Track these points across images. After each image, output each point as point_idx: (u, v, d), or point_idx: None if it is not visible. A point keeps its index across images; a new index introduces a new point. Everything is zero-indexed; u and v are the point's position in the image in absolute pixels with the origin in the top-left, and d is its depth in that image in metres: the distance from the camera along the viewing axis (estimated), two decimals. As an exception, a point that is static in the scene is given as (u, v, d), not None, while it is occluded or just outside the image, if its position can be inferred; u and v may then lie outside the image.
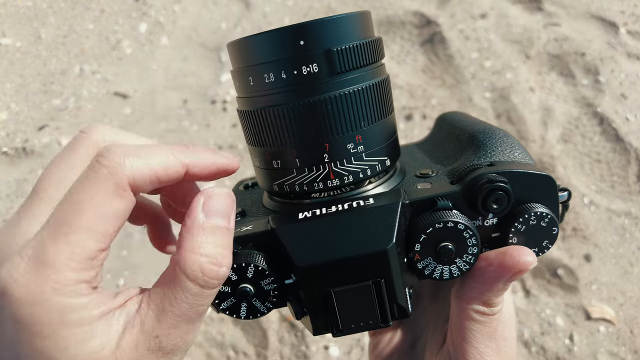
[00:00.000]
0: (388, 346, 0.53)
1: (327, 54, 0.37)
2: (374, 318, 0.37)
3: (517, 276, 0.38)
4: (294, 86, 0.38)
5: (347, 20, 0.39)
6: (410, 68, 1.96)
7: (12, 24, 2.26)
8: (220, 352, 1.38)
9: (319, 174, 0.40)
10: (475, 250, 0.38)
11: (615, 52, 1.88)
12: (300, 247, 0.37)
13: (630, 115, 1.73)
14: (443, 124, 0.54)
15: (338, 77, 0.38)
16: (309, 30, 0.37)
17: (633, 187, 1.60)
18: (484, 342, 0.40)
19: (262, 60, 0.38)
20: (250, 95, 0.41)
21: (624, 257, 1.47)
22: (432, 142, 0.54)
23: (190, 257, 0.33)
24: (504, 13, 2.07)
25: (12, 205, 1.72)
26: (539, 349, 1.35)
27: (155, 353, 0.32)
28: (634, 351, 1.32)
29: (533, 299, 1.43)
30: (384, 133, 0.42)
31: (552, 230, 0.40)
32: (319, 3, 2.20)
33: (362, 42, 0.39)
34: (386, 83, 0.42)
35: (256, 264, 0.37)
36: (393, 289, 0.37)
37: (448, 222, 0.37)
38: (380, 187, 0.43)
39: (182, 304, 0.33)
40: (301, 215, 0.39)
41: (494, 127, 0.47)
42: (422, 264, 0.38)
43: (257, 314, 0.39)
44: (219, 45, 2.09)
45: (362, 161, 0.40)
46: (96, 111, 1.97)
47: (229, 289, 0.38)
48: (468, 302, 0.40)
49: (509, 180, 0.39)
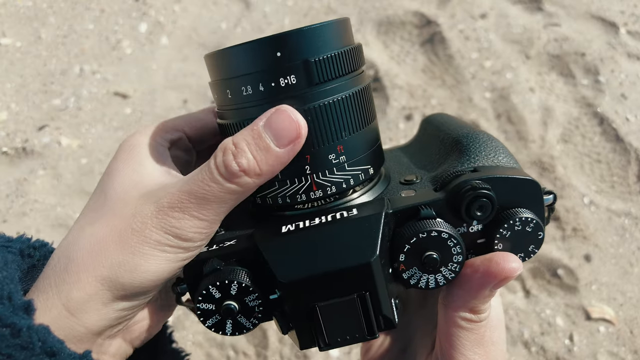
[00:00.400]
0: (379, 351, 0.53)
1: (305, 64, 0.37)
2: (360, 331, 0.36)
3: (503, 283, 0.38)
4: (272, 98, 0.37)
5: (325, 30, 0.38)
6: (410, 68, 1.96)
7: (12, 23, 2.26)
8: (220, 352, 1.38)
9: (301, 186, 0.39)
10: (460, 258, 0.38)
11: (615, 52, 1.88)
12: (283, 263, 0.36)
13: (630, 115, 1.73)
14: (428, 126, 0.53)
15: (317, 88, 0.37)
16: (285, 41, 0.37)
17: (633, 187, 1.60)
18: (472, 349, 0.40)
19: (239, 73, 0.38)
20: (228, 107, 0.40)
21: (624, 258, 1.47)
22: (417, 146, 0.53)
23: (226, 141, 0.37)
24: (504, 13, 2.07)
25: (12, 206, 1.72)
26: (538, 349, 1.35)
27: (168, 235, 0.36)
28: (633, 351, 1.32)
29: (533, 299, 1.43)
30: (367, 141, 0.41)
31: (538, 235, 0.40)
32: (318, 3, 2.20)
33: (341, 51, 0.38)
34: (367, 91, 0.42)
35: (239, 281, 0.37)
36: (378, 301, 0.36)
37: (432, 231, 0.37)
38: (365, 195, 0.42)
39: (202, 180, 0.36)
40: (284, 228, 0.39)
41: (478, 130, 0.46)
42: (408, 274, 0.38)
43: (243, 330, 0.39)
44: (219, 45, 2.09)
45: (344, 171, 0.40)
46: (96, 111, 1.97)
47: (213, 306, 0.37)
48: (455, 310, 0.40)
49: (493, 185, 0.38)
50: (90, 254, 0.36)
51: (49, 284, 0.36)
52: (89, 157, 1.84)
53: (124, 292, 0.36)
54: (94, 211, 0.39)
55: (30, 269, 0.39)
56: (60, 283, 0.35)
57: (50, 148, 1.86)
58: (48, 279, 0.36)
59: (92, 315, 0.36)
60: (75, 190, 1.76)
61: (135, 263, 0.35)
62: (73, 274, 0.35)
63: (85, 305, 0.35)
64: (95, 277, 0.35)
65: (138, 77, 2.06)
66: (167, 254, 0.36)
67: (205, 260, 0.38)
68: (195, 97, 1.97)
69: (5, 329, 0.32)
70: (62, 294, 0.35)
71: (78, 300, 0.35)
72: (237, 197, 0.37)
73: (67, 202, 1.72)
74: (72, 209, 1.71)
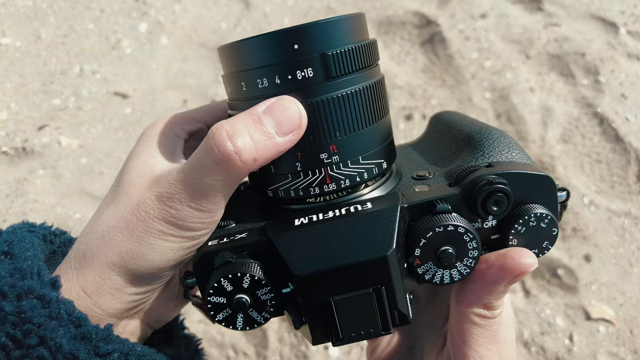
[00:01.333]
0: (386, 350, 0.53)
1: (322, 57, 0.36)
2: (374, 326, 0.36)
3: (518, 278, 0.38)
4: (288, 91, 0.37)
5: (342, 23, 0.38)
6: (410, 68, 1.96)
7: (12, 23, 2.26)
8: (220, 352, 1.38)
9: (314, 179, 0.39)
10: (475, 253, 0.38)
11: (615, 52, 1.88)
12: (298, 256, 0.36)
13: (630, 115, 1.73)
14: (438, 123, 0.53)
15: (333, 81, 0.37)
16: (303, 34, 0.36)
17: (633, 187, 1.59)
18: (485, 346, 0.40)
19: (255, 65, 0.37)
20: (242, 99, 0.40)
21: (623, 258, 1.47)
22: (427, 143, 0.53)
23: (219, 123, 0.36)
24: (504, 13, 2.07)
25: (12, 205, 1.72)
26: (538, 349, 1.35)
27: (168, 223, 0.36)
28: (633, 351, 1.32)
29: (533, 299, 1.43)
30: (381, 135, 0.41)
31: (552, 231, 0.40)
32: (319, 3, 2.20)
33: (358, 45, 0.38)
34: (381, 84, 0.41)
35: (252, 274, 0.36)
36: (394, 296, 0.36)
37: (448, 225, 0.36)
38: (377, 190, 0.42)
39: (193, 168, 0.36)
40: (297, 221, 0.38)
41: (491, 127, 0.46)
42: (423, 268, 0.38)
43: (254, 324, 0.38)
44: (218, 45, 2.09)
45: (358, 164, 0.40)
46: (96, 111, 1.97)
47: (225, 299, 0.37)
48: (468, 306, 0.39)
49: (508, 181, 0.38)
50: (103, 241, 0.37)
51: (70, 266, 0.37)
52: (89, 157, 1.84)
53: (135, 278, 0.37)
54: (111, 195, 0.41)
55: (51, 254, 0.41)
56: (79, 267, 0.37)
57: (50, 148, 1.86)
58: (70, 261, 0.38)
59: (107, 299, 0.37)
60: (75, 190, 1.76)
61: (141, 252, 0.36)
62: (89, 260, 0.37)
63: (100, 289, 0.37)
64: (107, 264, 0.36)
65: (138, 77, 2.06)
66: (171, 243, 0.37)
67: (215, 252, 0.38)
68: (195, 97, 1.97)
69: (36, 300, 0.34)
70: (80, 277, 0.37)
71: (94, 283, 0.37)
72: (229, 184, 0.36)
73: (67, 202, 1.72)
74: (72, 208, 1.71)
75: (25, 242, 0.39)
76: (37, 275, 0.35)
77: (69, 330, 0.34)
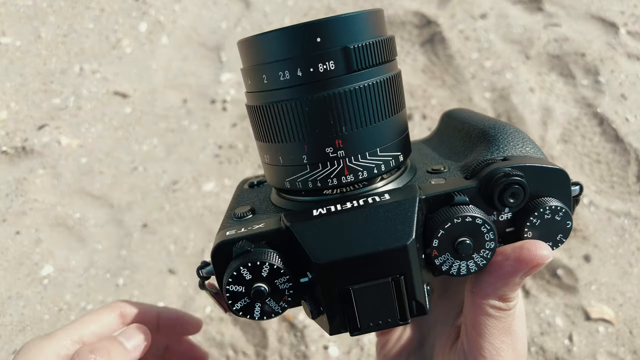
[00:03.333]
0: (396, 345, 0.53)
1: (344, 51, 0.37)
2: (392, 316, 0.36)
3: (534, 270, 0.38)
4: (309, 83, 0.37)
5: (364, 18, 0.38)
6: (410, 68, 1.96)
7: (12, 22, 2.26)
8: (220, 351, 1.38)
9: (333, 170, 0.39)
10: (492, 245, 0.38)
11: (615, 52, 1.88)
12: (317, 244, 0.36)
13: (630, 115, 1.73)
14: (449, 120, 0.54)
15: (353, 74, 0.38)
16: (326, 27, 0.37)
17: (633, 187, 1.60)
18: (500, 338, 0.40)
19: (277, 58, 0.38)
20: (264, 91, 0.40)
21: (623, 258, 1.47)
22: (439, 138, 0.53)
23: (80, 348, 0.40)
24: (504, 13, 2.07)
25: (12, 205, 1.72)
26: (538, 349, 1.35)
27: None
28: (633, 352, 1.32)
29: (532, 299, 1.43)
30: (398, 128, 0.42)
31: (566, 224, 0.40)
32: (319, 3, 2.20)
33: (378, 40, 0.39)
34: (399, 78, 0.42)
35: (271, 263, 0.36)
36: (412, 286, 0.36)
37: (466, 216, 0.37)
38: (393, 183, 0.42)
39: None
40: (315, 212, 0.38)
41: (504, 122, 0.47)
42: (440, 260, 0.38)
43: (272, 314, 0.38)
44: (219, 44, 2.09)
45: (376, 157, 0.40)
46: (96, 110, 1.97)
47: (243, 288, 0.37)
48: (484, 298, 0.40)
49: (524, 174, 0.39)
50: None
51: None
52: (89, 156, 1.84)
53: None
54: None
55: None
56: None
57: (50, 147, 1.86)
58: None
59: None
60: (75, 190, 1.76)
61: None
62: None
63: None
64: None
65: (138, 77, 2.06)
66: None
67: (234, 242, 0.38)
68: (195, 96, 1.97)
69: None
70: None
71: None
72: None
73: (67, 202, 1.72)
74: (71, 208, 1.71)
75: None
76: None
77: None
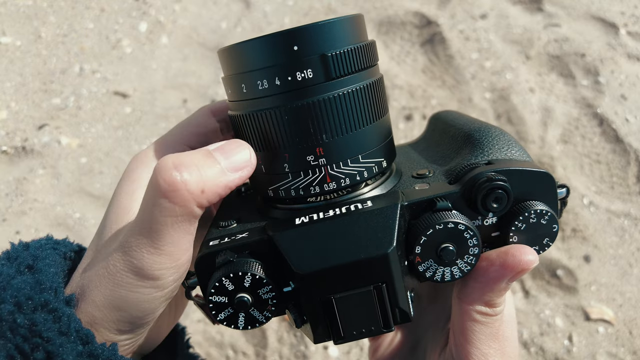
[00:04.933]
0: (388, 349, 0.53)
1: (322, 59, 0.37)
2: (375, 324, 0.36)
3: (519, 275, 0.38)
4: (288, 91, 0.37)
5: (342, 24, 0.38)
6: (410, 68, 1.96)
7: (12, 22, 2.26)
8: (220, 351, 1.38)
9: (314, 178, 0.39)
10: (476, 250, 0.38)
11: (615, 53, 1.88)
12: (299, 254, 0.36)
13: (630, 116, 1.73)
14: (437, 123, 0.53)
15: (332, 81, 0.37)
16: (303, 35, 0.36)
17: (632, 188, 1.60)
18: (487, 343, 0.40)
19: (255, 67, 0.38)
20: (243, 100, 0.40)
21: (623, 258, 1.47)
22: (426, 142, 0.53)
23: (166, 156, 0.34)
24: (504, 13, 2.07)
25: (12, 204, 1.72)
26: (538, 350, 1.35)
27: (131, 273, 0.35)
28: (632, 352, 1.32)
29: (532, 299, 1.43)
30: (380, 134, 0.41)
31: (553, 228, 0.40)
32: (319, 3, 2.20)
33: (357, 46, 0.38)
34: (380, 84, 0.41)
35: (253, 273, 0.36)
36: (395, 293, 0.36)
37: (448, 223, 0.37)
38: (377, 189, 0.42)
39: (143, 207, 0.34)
40: (298, 220, 0.38)
41: (490, 125, 0.46)
42: (423, 266, 0.38)
43: (256, 323, 0.38)
44: (219, 44, 2.09)
45: (358, 163, 0.40)
46: (96, 110, 1.97)
47: (226, 299, 0.37)
48: (470, 303, 0.39)
49: (508, 178, 0.38)
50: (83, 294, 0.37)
51: None
52: (89, 156, 1.84)
53: (118, 329, 0.37)
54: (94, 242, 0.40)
55: (69, 271, 0.41)
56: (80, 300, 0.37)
57: (50, 147, 1.86)
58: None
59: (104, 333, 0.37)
60: (75, 190, 1.76)
61: (117, 305, 0.36)
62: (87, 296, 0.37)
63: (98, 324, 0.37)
64: (90, 317, 0.36)
65: (138, 77, 2.06)
66: (141, 295, 0.35)
67: (216, 252, 0.38)
68: (195, 96, 1.97)
69: (49, 314, 0.34)
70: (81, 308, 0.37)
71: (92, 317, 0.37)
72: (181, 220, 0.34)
73: (67, 202, 1.72)
74: (71, 208, 1.71)
75: (49, 259, 0.39)
76: (54, 291, 0.36)
77: (76, 347, 0.34)
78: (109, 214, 0.40)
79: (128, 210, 0.39)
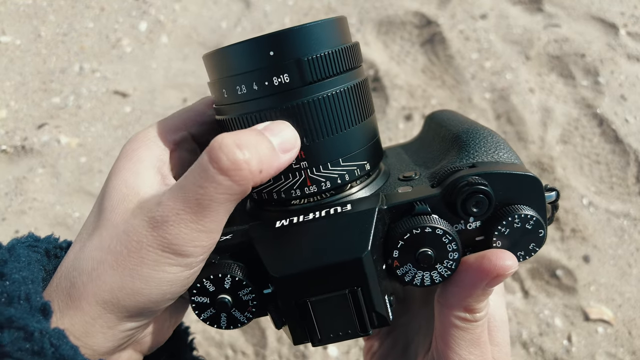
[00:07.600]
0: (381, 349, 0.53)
1: (298, 63, 0.37)
2: (352, 327, 0.36)
3: (497, 281, 0.37)
4: (266, 96, 0.37)
5: (318, 28, 0.38)
6: (410, 68, 1.96)
7: (12, 21, 2.25)
8: (219, 351, 1.38)
9: (295, 181, 0.39)
10: (456, 255, 0.37)
11: (615, 53, 1.88)
12: (275, 257, 0.36)
13: (629, 116, 1.73)
14: (431, 123, 0.53)
15: (310, 85, 0.37)
16: (278, 40, 0.37)
17: (632, 188, 1.60)
18: (467, 349, 0.39)
19: (234, 72, 0.38)
20: (225, 105, 0.40)
21: (622, 259, 1.48)
22: (419, 143, 0.53)
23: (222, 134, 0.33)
24: (504, 14, 2.07)
25: (11, 204, 1.71)
26: (537, 350, 1.35)
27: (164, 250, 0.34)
28: (632, 352, 1.32)
29: (532, 299, 1.43)
30: (363, 136, 0.41)
31: (539, 233, 0.39)
32: (319, 2, 2.20)
33: (335, 50, 0.38)
34: (362, 86, 0.41)
35: (233, 275, 0.37)
36: (370, 297, 0.36)
37: (425, 227, 0.36)
38: (362, 191, 0.42)
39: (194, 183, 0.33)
40: (278, 223, 0.39)
41: (480, 126, 0.46)
42: (402, 270, 0.38)
43: (238, 324, 0.39)
44: (218, 44, 2.09)
45: (338, 167, 0.40)
46: (96, 110, 1.97)
47: (208, 299, 0.38)
48: (450, 308, 0.39)
49: (491, 181, 0.38)
50: (90, 277, 0.34)
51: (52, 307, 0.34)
52: (89, 155, 1.84)
53: (129, 314, 0.35)
54: (92, 224, 0.37)
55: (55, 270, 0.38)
56: (64, 307, 0.34)
57: (50, 146, 1.86)
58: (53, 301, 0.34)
59: (98, 338, 0.35)
60: (75, 189, 1.76)
61: (135, 287, 0.34)
62: (75, 300, 0.34)
63: (90, 329, 0.34)
64: (97, 302, 0.34)
65: (138, 76, 2.06)
66: (167, 274, 0.34)
67: None
68: (195, 96, 1.97)
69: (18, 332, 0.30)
70: (65, 318, 0.34)
71: (82, 325, 0.34)
72: (233, 199, 0.34)
73: (66, 201, 1.72)
74: (71, 207, 1.71)
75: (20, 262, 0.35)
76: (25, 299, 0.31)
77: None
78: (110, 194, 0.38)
79: (137, 190, 0.37)
